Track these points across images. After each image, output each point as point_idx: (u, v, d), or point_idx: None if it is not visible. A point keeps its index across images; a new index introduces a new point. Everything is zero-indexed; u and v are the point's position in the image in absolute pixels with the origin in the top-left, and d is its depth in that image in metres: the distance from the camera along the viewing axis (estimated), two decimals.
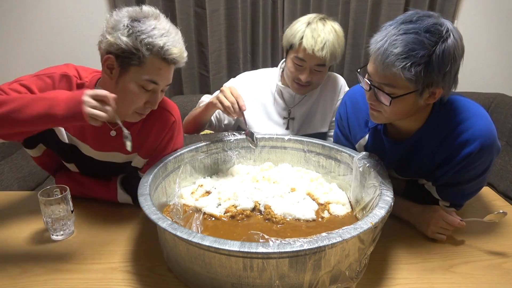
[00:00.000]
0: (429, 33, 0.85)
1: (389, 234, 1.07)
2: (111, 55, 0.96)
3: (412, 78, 0.86)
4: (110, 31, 0.95)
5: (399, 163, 1.14)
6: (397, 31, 0.87)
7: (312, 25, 1.37)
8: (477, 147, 0.95)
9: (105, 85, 1.03)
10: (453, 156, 0.99)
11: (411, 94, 0.91)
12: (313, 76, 1.42)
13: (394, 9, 2.22)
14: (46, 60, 2.30)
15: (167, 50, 0.95)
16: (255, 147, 1.28)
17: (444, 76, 0.88)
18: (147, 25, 0.94)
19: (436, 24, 0.86)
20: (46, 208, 1.01)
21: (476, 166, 0.99)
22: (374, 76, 0.94)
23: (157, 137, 1.15)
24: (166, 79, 1.02)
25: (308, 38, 1.34)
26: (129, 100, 1.00)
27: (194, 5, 2.23)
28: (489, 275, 0.92)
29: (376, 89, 0.95)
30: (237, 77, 1.62)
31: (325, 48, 1.34)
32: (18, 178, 1.89)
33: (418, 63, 0.85)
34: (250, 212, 1.09)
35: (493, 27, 2.27)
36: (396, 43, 0.86)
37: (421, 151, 1.06)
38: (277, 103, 1.57)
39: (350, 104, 1.23)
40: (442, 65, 0.86)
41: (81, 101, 0.87)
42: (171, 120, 1.17)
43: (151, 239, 1.03)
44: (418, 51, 0.85)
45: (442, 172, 1.04)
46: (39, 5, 2.20)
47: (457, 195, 1.09)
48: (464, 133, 0.97)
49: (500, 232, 1.09)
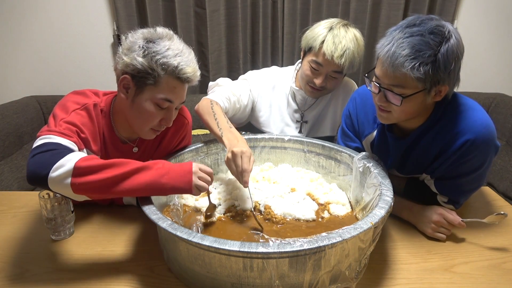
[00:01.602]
0: (433, 35, 0.90)
1: (389, 234, 1.07)
2: (127, 75, 0.99)
3: (421, 76, 0.91)
4: (126, 52, 0.99)
5: (401, 160, 1.15)
6: (403, 34, 0.92)
7: (334, 31, 1.35)
8: (471, 138, 0.97)
9: (120, 104, 1.07)
10: (448, 146, 1.02)
11: (420, 93, 0.95)
12: (328, 81, 1.41)
13: (394, 9, 2.22)
14: (46, 60, 2.31)
15: (181, 70, 0.99)
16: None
17: (450, 74, 0.93)
18: (161, 45, 0.97)
19: (439, 26, 0.92)
20: (46, 208, 1.01)
21: (470, 158, 1.01)
22: (383, 78, 0.98)
23: (172, 139, 1.21)
24: (180, 97, 1.05)
25: (329, 43, 1.33)
26: (144, 118, 1.04)
27: (194, 5, 2.23)
28: (489, 275, 0.92)
29: (386, 91, 0.98)
30: (253, 74, 1.56)
31: (345, 56, 1.32)
32: (18, 178, 1.89)
33: (426, 63, 0.90)
34: (250, 212, 1.09)
35: (493, 27, 2.27)
36: (403, 45, 0.91)
37: (420, 144, 1.09)
38: (290, 106, 1.56)
39: (359, 101, 1.24)
40: (447, 63, 0.91)
41: (191, 172, 0.92)
42: (185, 123, 1.23)
43: (151, 239, 1.03)
44: (425, 52, 0.90)
45: (439, 164, 1.06)
46: (39, 5, 2.19)
47: (454, 189, 1.10)
48: (459, 123, 1.00)
49: (500, 232, 1.09)
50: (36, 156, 0.87)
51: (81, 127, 1.00)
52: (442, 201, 1.13)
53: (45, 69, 2.33)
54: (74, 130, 0.97)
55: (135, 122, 1.06)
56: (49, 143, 0.90)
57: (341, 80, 1.46)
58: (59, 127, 0.95)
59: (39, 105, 2.24)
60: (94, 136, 1.05)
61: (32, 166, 0.86)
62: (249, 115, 1.57)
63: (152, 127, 1.07)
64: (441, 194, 1.11)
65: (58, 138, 0.92)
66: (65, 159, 0.86)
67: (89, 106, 1.04)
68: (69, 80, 2.36)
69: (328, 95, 1.55)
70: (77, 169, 0.84)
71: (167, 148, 1.21)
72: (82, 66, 2.33)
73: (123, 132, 1.13)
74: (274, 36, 2.34)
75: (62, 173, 0.84)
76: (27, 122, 2.09)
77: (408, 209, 1.13)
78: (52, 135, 0.92)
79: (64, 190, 0.86)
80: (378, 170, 1.05)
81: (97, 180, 0.85)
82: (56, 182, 0.84)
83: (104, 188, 0.86)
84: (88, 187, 0.85)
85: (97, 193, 0.87)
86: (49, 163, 0.85)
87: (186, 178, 0.91)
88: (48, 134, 0.93)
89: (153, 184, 0.89)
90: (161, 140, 1.19)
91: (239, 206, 1.11)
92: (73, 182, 0.84)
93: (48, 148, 0.89)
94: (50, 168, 0.84)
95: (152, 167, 0.91)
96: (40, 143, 0.91)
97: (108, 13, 2.25)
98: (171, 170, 0.91)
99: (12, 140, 1.96)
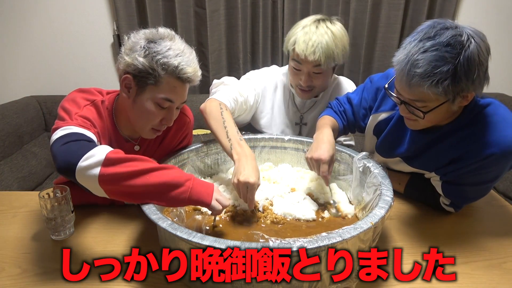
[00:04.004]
0: (449, 47, 0.84)
1: (389, 234, 1.07)
2: (129, 75, 1.00)
3: (441, 93, 0.87)
4: (128, 52, 0.99)
5: (415, 152, 1.12)
6: (418, 49, 0.87)
7: (305, 29, 1.34)
8: (496, 152, 0.94)
9: (123, 103, 1.08)
10: (471, 154, 0.99)
11: (444, 104, 0.91)
12: (313, 79, 1.40)
13: (394, 9, 2.22)
14: (46, 60, 2.31)
15: (182, 70, 0.99)
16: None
17: (474, 82, 0.87)
18: (162, 46, 0.98)
19: (455, 35, 0.85)
20: (46, 208, 1.00)
21: (489, 171, 0.99)
22: (403, 93, 0.95)
23: (173, 138, 1.21)
24: (181, 97, 1.06)
25: (300, 42, 1.33)
26: (145, 117, 1.04)
27: (194, 5, 2.23)
28: (489, 275, 0.92)
29: (407, 105, 0.96)
30: (255, 74, 1.55)
31: (318, 51, 1.30)
32: (18, 178, 1.89)
33: (444, 79, 0.85)
34: (250, 212, 1.09)
35: (493, 27, 2.27)
36: (419, 63, 0.86)
37: (442, 143, 1.05)
38: (290, 107, 1.56)
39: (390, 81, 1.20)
40: (469, 73, 0.85)
41: (212, 188, 0.94)
42: (187, 122, 1.24)
43: (151, 239, 1.03)
44: (441, 68, 0.84)
45: (454, 168, 1.04)
46: (39, 5, 2.20)
47: (459, 195, 1.09)
48: (488, 135, 0.96)
49: (500, 232, 1.09)
50: (64, 145, 0.88)
51: (93, 121, 1.01)
52: (443, 202, 1.12)
53: (45, 69, 2.33)
54: (89, 124, 0.99)
55: (137, 121, 1.06)
56: (73, 133, 0.91)
57: (328, 75, 1.43)
58: (76, 120, 0.96)
59: (39, 105, 2.24)
60: (103, 131, 1.06)
61: (62, 156, 0.87)
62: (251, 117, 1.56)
63: (153, 126, 1.07)
64: (446, 197, 1.11)
65: (79, 128, 0.93)
66: (96, 149, 0.87)
67: (97, 103, 1.06)
68: (69, 80, 2.36)
69: (327, 96, 1.55)
70: (108, 159, 0.85)
71: (169, 146, 1.22)
72: (82, 66, 2.33)
73: (125, 131, 1.13)
74: (274, 36, 2.34)
75: (92, 162, 0.85)
76: (27, 122, 2.09)
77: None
78: (72, 126, 0.93)
79: (89, 181, 0.86)
80: (378, 170, 1.05)
81: (124, 172, 0.86)
82: (85, 171, 0.85)
83: (129, 179, 0.87)
84: (114, 177, 0.86)
85: (119, 185, 0.87)
86: (80, 153, 0.86)
87: (208, 190, 0.93)
88: (67, 125, 0.93)
89: (176, 183, 0.89)
90: (162, 139, 1.20)
91: (239, 206, 1.11)
92: (102, 173, 0.85)
93: (73, 138, 0.90)
94: (80, 158, 0.85)
95: (179, 171, 0.94)
96: (63, 134, 0.91)
97: (108, 13, 2.25)
98: (195, 179, 0.93)
99: (12, 140, 1.96)
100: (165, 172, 0.90)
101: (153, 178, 0.88)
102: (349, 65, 2.40)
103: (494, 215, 1.19)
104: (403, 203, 1.21)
